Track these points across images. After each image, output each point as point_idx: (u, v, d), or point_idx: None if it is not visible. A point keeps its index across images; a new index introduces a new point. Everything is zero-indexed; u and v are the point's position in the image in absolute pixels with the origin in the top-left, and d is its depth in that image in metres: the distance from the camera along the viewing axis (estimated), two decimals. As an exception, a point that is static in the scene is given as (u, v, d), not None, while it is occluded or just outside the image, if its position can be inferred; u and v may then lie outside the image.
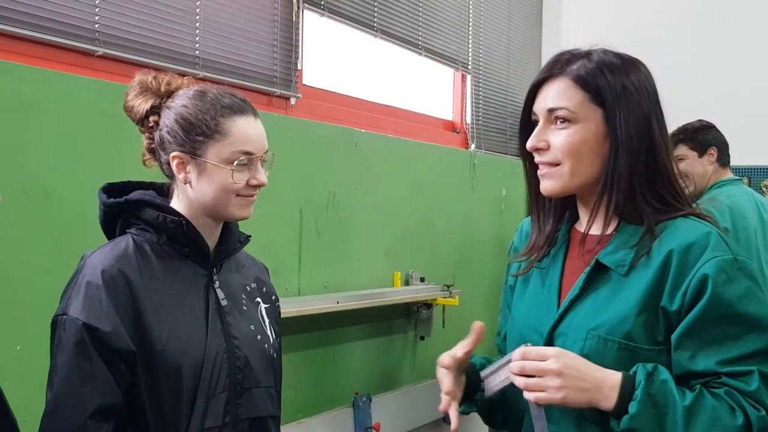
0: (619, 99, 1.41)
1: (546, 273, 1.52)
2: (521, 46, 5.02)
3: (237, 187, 1.56)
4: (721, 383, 1.32)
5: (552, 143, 1.44)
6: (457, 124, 4.43)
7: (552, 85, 1.45)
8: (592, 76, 1.42)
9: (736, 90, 4.60)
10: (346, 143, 3.29)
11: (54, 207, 2.12)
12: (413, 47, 3.88)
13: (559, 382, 1.30)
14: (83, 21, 2.32)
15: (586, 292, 1.42)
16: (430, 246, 3.81)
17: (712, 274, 1.33)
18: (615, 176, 1.41)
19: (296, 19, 3.10)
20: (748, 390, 1.30)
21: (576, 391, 1.31)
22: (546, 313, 1.46)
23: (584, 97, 1.42)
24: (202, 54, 2.69)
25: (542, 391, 1.32)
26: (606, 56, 1.45)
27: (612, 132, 1.41)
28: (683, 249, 1.36)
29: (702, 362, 1.33)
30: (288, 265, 2.95)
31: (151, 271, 1.53)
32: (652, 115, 1.43)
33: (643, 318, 1.36)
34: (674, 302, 1.35)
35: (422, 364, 3.76)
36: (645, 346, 1.36)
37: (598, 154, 1.42)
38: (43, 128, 2.11)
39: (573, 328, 1.41)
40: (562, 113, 1.42)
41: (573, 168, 1.42)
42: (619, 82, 1.42)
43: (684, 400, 1.29)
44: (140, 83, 1.61)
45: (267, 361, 1.66)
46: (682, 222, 1.41)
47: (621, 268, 1.39)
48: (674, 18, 4.87)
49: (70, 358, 1.45)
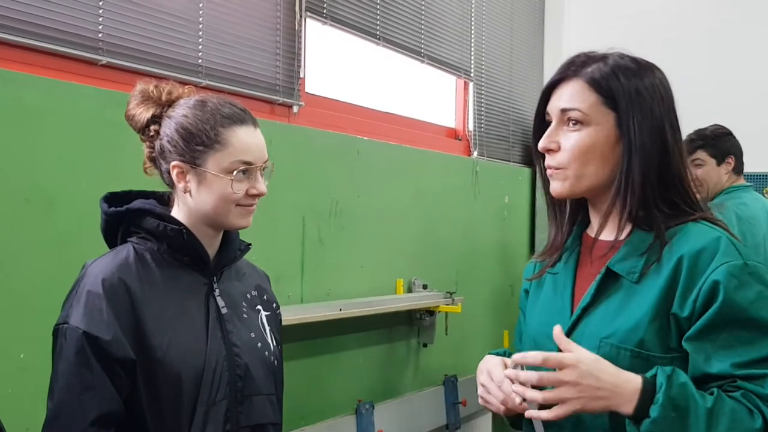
0: (632, 103, 1.40)
1: (558, 278, 1.52)
2: (523, 54, 5.03)
3: (236, 197, 1.57)
4: (737, 386, 1.32)
5: (563, 145, 1.44)
6: (459, 132, 4.43)
7: (566, 86, 1.45)
8: (606, 79, 1.42)
9: (743, 96, 4.60)
10: (348, 151, 3.29)
11: (57, 215, 2.13)
12: (415, 55, 3.88)
13: (574, 392, 1.28)
14: (86, 30, 2.32)
15: (598, 299, 1.43)
16: (432, 253, 3.81)
17: (723, 280, 1.33)
18: (629, 181, 1.40)
19: (299, 27, 3.11)
20: (763, 393, 1.30)
21: (592, 400, 1.29)
22: (559, 319, 1.44)
23: (597, 100, 1.42)
24: (205, 63, 2.70)
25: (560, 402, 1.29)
26: (622, 60, 1.45)
27: (625, 136, 1.41)
28: (693, 255, 1.35)
29: (716, 365, 1.32)
30: (291, 273, 2.96)
31: (151, 279, 1.54)
32: (665, 120, 1.43)
33: (655, 325, 1.36)
34: (685, 309, 1.35)
35: (425, 372, 3.76)
36: (658, 353, 1.35)
37: (608, 158, 1.42)
38: (46, 137, 2.12)
39: (586, 336, 1.41)
40: (574, 114, 1.42)
41: (578, 171, 1.43)
42: (633, 86, 1.41)
43: (705, 402, 1.28)
44: (141, 92, 1.62)
45: (268, 369, 1.67)
46: (692, 227, 1.40)
47: (632, 276, 1.40)
48: (679, 26, 4.88)
49: (71, 367, 1.45)
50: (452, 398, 3.79)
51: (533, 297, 1.59)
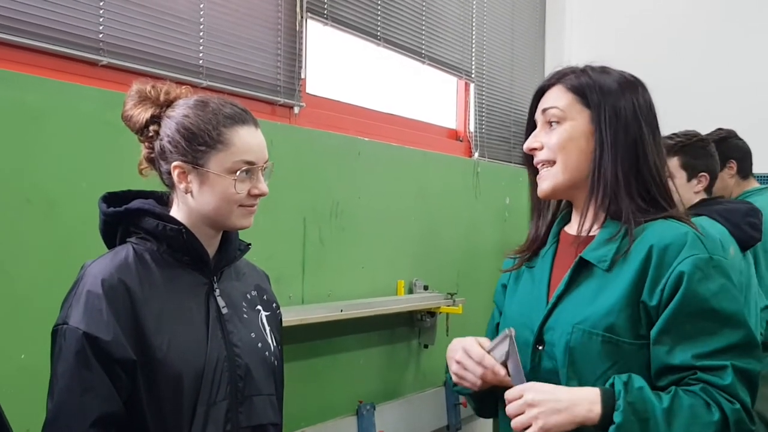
0: (605, 100, 1.53)
1: (536, 271, 1.61)
2: (524, 55, 5.03)
3: (239, 197, 1.57)
4: (697, 379, 1.38)
5: (545, 143, 1.57)
6: (460, 133, 4.43)
7: (549, 92, 1.60)
8: (580, 81, 1.57)
9: (745, 97, 4.58)
10: (349, 152, 3.29)
11: (58, 216, 2.13)
12: (416, 56, 3.88)
13: (535, 411, 1.39)
14: (87, 30, 2.33)
15: (572, 287, 1.51)
16: (433, 254, 3.81)
17: (688, 271, 1.41)
18: (600, 174, 1.51)
19: (300, 28, 3.11)
20: (722, 384, 1.37)
21: (554, 414, 1.37)
22: (536, 309, 1.55)
23: (573, 99, 1.56)
24: (206, 63, 2.70)
25: (529, 425, 1.39)
26: (602, 70, 1.59)
27: (597, 131, 1.52)
28: (662, 247, 1.44)
29: (679, 356, 1.40)
30: (291, 274, 2.96)
31: (151, 279, 1.54)
32: (641, 118, 1.53)
33: (626, 312, 1.43)
34: (653, 298, 1.42)
35: (426, 373, 3.76)
36: (628, 339, 1.43)
37: (585, 152, 1.53)
38: (47, 137, 2.12)
39: (560, 322, 1.49)
40: (552, 112, 1.56)
41: (564, 164, 1.54)
42: (606, 87, 1.55)
43: (662, 403, 1.35)
44: (138, 92, 1.62)
45: (268, 369, 1.67)
46: (661, 223, 1.49)
47: (603, 263, 1.48)
48: (680, 28, 4.87)
49: (71, 368, 1.45)
50: (453, 399, 3.79)
51: (511, 290, 1.68)
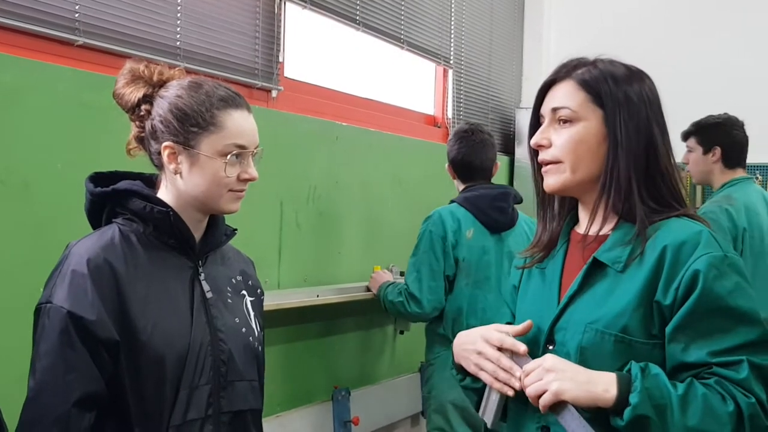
0: (619, 103, 1.49)
1: (546, 272, 1.59)
2: (503, 42, 5.03)
3: (228, 181, 1.56)
4: (712, 373, 1.37)
5: (554, 142, 1.51)
6: (438, 119, 4.43)
7: (558, 87, 1.54)
8: (595, 80, 1.51)
9: (742, 87, 4.58)
10: (327, 136, 3.28)
11: (33, 197, 2.10)
12: (395, 41, 3.87)
13: (552, 376, 1.36)
14: (63, 10, 2.29)
15: (585, 288, 1.49)
16: (410, 240, 3.80)
17: (704, 269, 1.39)
18: (613, 176, 1.48)
19: (278, 11, 3.09)
20: (737, 378, 1.35)
21: (574, 383, 1.35)
22: (547, 309, 1.52)
23: (586, 98, 1.50)
24: (183, 45, 2.67)
25: (544, 391, 1.36)
26: (611, 65, 1.54)
27: (611, 133, 1.48)
28: (676, 246, 1.42)
29: (694, 354, 1.38)
30: (268, 258, 2.95)
31: (136, 261, 1.52)
32: (652, 120, 1.50)
33: (639, 312, 1.42)
34: (668, 297, 1.40)
35: (401, 359, 3.77)
36: (641, 339, 1.41)
37: (597, 153, 1.49)
38: (21, 118, 2.09)
39: (572, 322, 1.47)
40: (564, 113, 1.50)
41: (573, 165, 1.50)
42: (622, 89, 1.50)
43: (677, 391, 1.34)
44: (131, 71, 1.60)
45: (251, 355, 1.66)
46: (674, 221, 1.47)
47: (617, 265, 1.46)
48: (658, 7, 4.89)
49: (54, 347, 1.43)
50: (428, 385, 3.80)
51: (522, 291, 1.65)
